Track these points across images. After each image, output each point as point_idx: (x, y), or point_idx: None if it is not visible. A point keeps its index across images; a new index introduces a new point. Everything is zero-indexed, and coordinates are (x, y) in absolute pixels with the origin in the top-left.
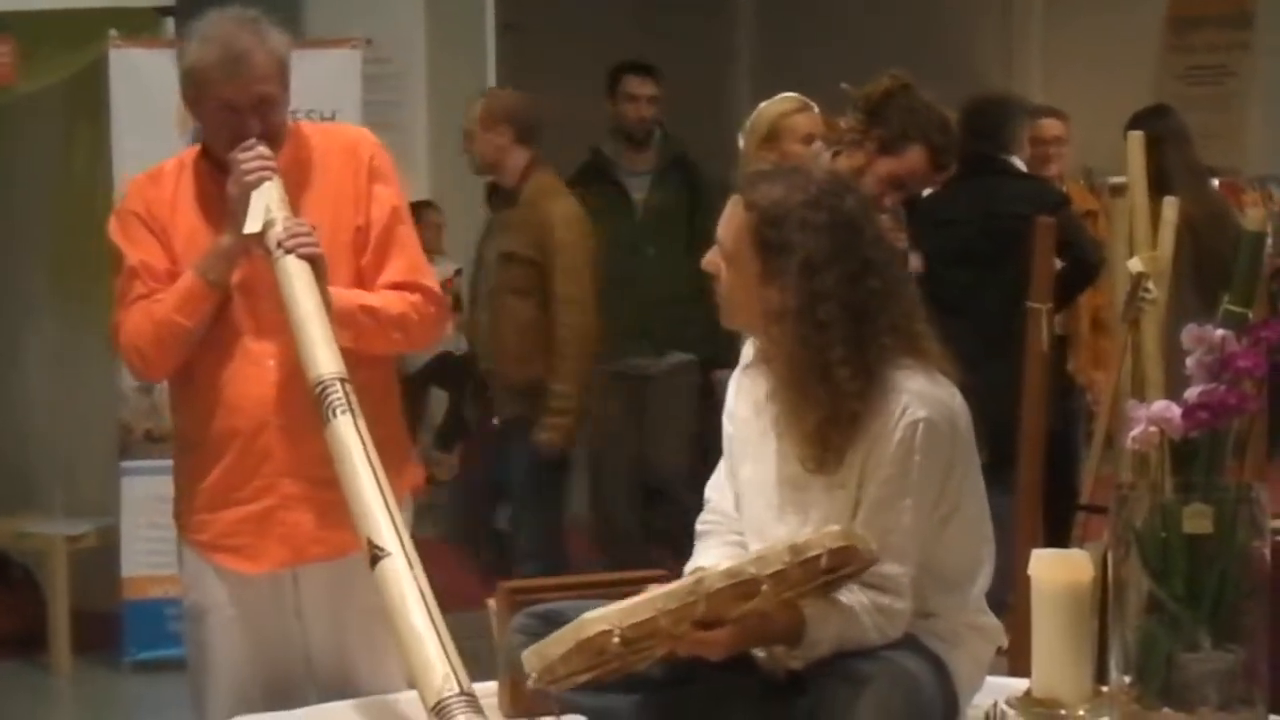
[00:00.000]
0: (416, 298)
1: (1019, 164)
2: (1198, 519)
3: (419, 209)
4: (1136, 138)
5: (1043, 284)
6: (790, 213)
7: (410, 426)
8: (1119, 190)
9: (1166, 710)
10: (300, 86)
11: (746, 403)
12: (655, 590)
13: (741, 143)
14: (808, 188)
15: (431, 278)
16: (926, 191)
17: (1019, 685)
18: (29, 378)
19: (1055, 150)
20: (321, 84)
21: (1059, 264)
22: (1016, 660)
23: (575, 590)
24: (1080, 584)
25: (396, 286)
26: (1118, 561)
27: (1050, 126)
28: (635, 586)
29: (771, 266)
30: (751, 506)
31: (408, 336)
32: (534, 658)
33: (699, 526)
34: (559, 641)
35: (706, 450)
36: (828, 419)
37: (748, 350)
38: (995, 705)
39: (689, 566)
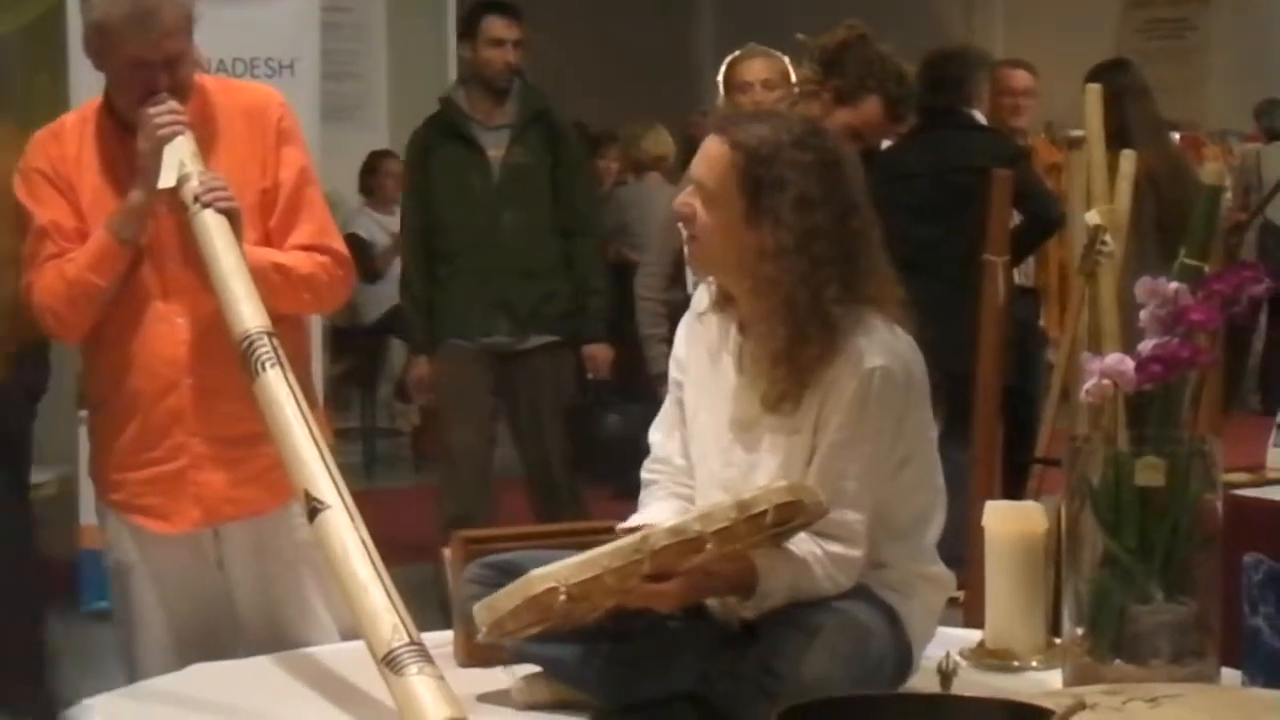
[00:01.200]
0: (325, 259)
1: (979, 117)
2: (1150, 471)
3: (379, 159)
4: (1094, 90)
5: (998, 237)
6: (780, 151)
7: (370, 377)
8: (1077, 143)
9: (1119, 662)
10: (259, 35)
11: (699, 348)
12: (601, 548)
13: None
14: (791, 127)
15: (339, 240)
16: (886, 144)
17: (972, 637)
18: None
19: (1025, 102)
20: (280, 33)
21: (1016, 217)
22: (971, 613)
23: (530, 540)
24: (1033, 536)
25: (305, 249)
26: (1072, 514)
27: (1021, 77)
28: (591, 536)
29: (760, 205)
30: (702, 449)
31: (316, 297)
32: (484, 612)
33: (644, 474)
34: (508, 596)
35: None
36: (820, 356)
37: (699, 296)
38: (948, 656)
39: (634, 518)
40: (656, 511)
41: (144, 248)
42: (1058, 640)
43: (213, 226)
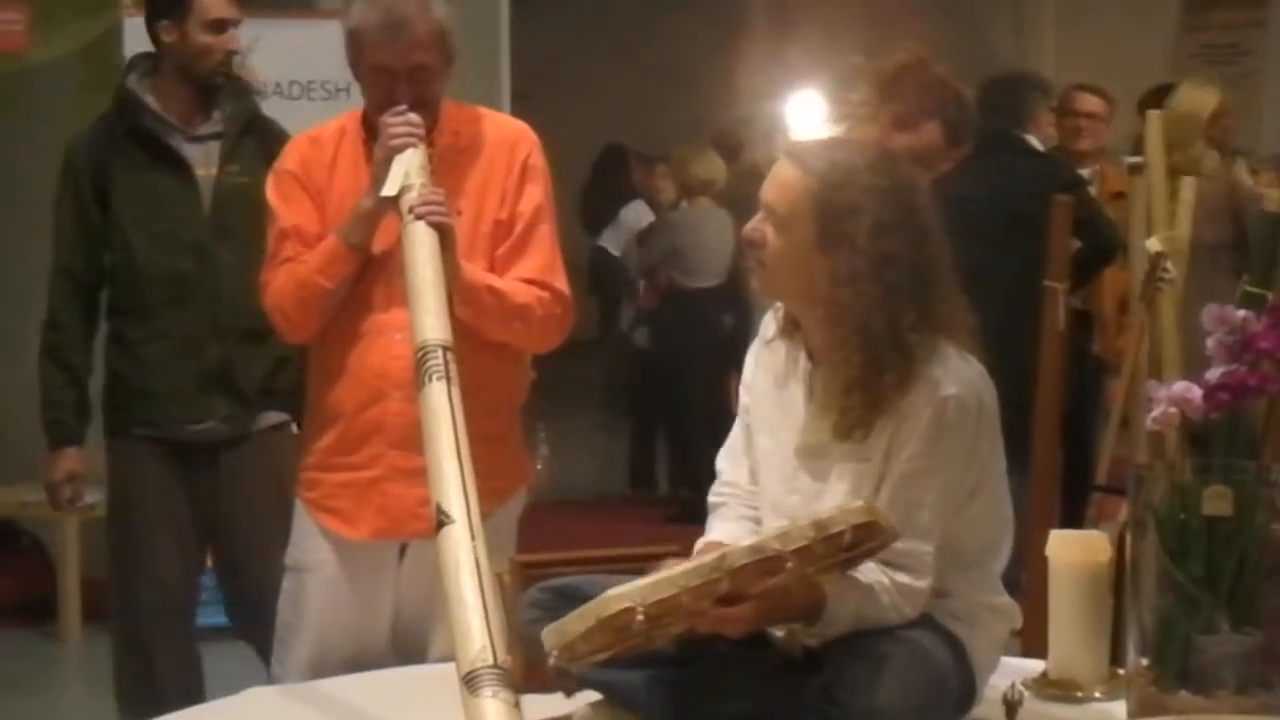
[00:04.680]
0: (545, 294)
1: (1035, 142)
2: (1218, 501)
3: None
4: (1155, 116)
5: (1058, 263)
6: (854, 175)
7: None
8: (1137, 169)
9: (1184, 693)
10: (315, 57)
11: (767, 374)
12: (677, 566)
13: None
14: (864, 152)
15: (563, 280)
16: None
17: (1035, 666)
18: (38, 348)
19: (1088, 124)
20: (336, 55)
21: (1075, 244)
22: (1031, 642)
23: (590, 564)
24: (1097, 565)
25: (527, 282)
26: (1135, 542)
27: (1086, 100)
28: (649, 561)
29: (836, 231)
30: (767, 476)
31: (528, 329)
32: (554, 636)
33: (711, 499)
34: (580, 619)
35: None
36: (895, 385)
37: (767, 323)
38: (1012, 686)
39: (701, 542)
40: (727, 531)
41: (375, 259)
42: (1121, 671)
43: (420, 238)
